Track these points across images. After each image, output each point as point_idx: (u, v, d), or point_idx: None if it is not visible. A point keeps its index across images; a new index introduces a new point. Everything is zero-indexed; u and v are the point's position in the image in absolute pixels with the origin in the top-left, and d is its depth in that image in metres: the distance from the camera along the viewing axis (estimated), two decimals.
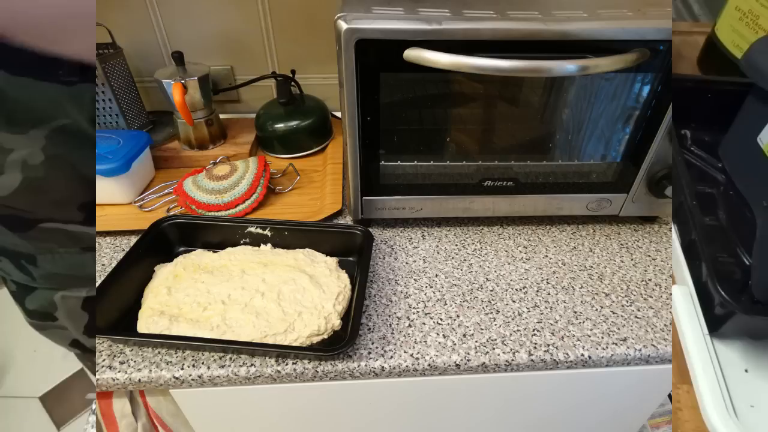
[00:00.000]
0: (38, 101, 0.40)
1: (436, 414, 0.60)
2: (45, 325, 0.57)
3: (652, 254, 0.63)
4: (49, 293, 0.53)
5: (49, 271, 0.50)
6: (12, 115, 0.40)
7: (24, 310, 0.56)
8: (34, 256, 0.49)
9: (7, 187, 0.43)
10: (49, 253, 0.49)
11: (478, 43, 0.49)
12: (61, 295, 0.53)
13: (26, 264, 0.49)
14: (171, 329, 0.49)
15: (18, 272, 0.50)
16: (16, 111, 0.40)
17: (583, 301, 0.56)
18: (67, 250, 0.49)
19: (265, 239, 0.61)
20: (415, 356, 0.49)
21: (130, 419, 0.56)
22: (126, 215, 0.68)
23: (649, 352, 0.51)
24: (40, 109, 0.41)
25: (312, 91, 0.87)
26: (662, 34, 0.50)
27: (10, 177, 0.42)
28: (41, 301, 0.54)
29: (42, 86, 0.40)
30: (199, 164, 0.79)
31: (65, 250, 0.49)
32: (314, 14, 0.84)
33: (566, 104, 0.58)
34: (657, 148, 0.58)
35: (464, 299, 0.56)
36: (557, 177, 0.63)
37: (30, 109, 0.40)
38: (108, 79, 0.74)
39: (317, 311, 0.51)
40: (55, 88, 0.40)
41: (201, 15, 0.83)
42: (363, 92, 0.53)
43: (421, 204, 0.63)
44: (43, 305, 0.54)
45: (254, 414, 0.56)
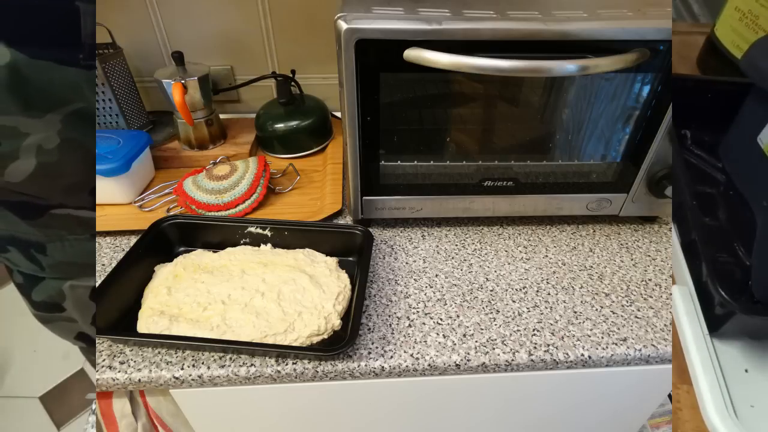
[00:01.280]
0: (57, 85, 0.41)
1: (436, 414, 0.60)
2: (51, 317, 0.57)
3: (652, 254, 0.63)
4: (57, 283, 0.53)
5: (58, 259, 0.50)
6: (30, 99, 0.40)
7: (30, 303, 0.56)
8: (43, 245, 0.49)
9: (22, 172, 0.43)
10: (59, 241, 0.49)
11: (478, 43, 0.49)
12: (70, 284, 0.53)
13: (36, 253, 0.50)
14: (171, 329, 0.49)
15: (27, 262, 0.51)
16: (35, 95, 0.40)
17: (583, 301, 0.56)
18: (76, 237, 0.49)
19: (265, 239, 0.61)
20: (415, 356, 0.49)
21: (130, 419, 0.56)
22: (126, 215, 0.68)
23: (649, 352, 0.51)
24: (58, 93, 0.41)
25: (312, 91, 0.87)
26: (662, 34, 0.50)
27: (25, 162, 0.42)
28: (49, 291, 0.54)
29: (62, 70, 0.40)
30: (199, 164, 0.79)
31: (75, 237, 0.49)
32: (314, 14, 0.84)
33: (566, 104, 0.58)
34: (657, 148, 0.58)
35: (464, 299, 0.56)
36: (557, 177, 0.63)
37: (49, 93, 0.41)
38: (108, 79, 0.74)
39: (317, 311, 0.51)
40: (74, 71, 0.41)
41: (201, 15, 0.83)
42: (363, 92, 0.53)
43: (421, 204, 0.63)
44: (51, 296, 0.54)
45: (254, 414, 0.56)
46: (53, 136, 0.42)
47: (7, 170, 0.42)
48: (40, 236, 0.48)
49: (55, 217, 0.47)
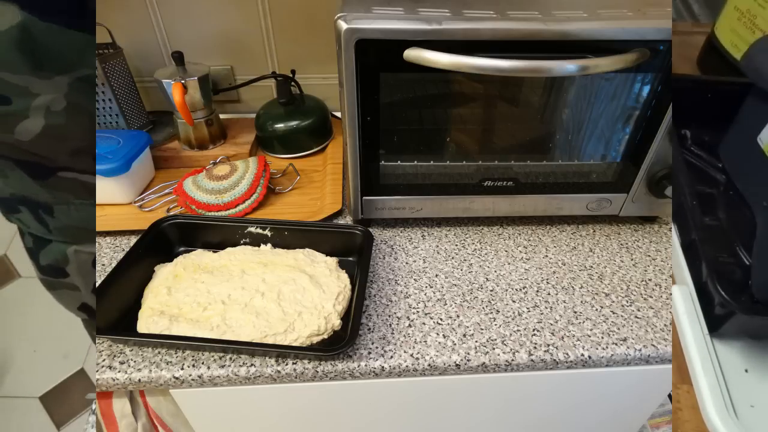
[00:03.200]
0: (65, 48, 0.42)
1: (436, 414, 0.60)
2: (56, 283, 0.59)
3: (652, 254, 0.63)
4: (62, 246, 0.55)
5: (64, 222, 0.52)
6: (40, 60, 0.42)
7: (37, 267, 0.58)
8: (51, 207, 0.51)
9: (31, 132, 0.45)
10: (65, 204, 0.51)
11: (478, 43, 0.49)
12: (74, 249, 0.55)
13: (44, 215, 0.52)
14: (171, 329, 0.49)
15: (36, 224, 0.52)
16: (44, 56, 0.42)
17: (583, 301, 0.56)
18: (82, 201, 0.51)
19: (265, 239, 0.61)
20: (415, 356, 0.49)
21: (130, 419, 0.56)
22: (126, 215, 0.68)
23: (649, 352, 0.51)
24: (65, 57, 0.43)
25: (312, 91, 0.87)
26: (662, 34, 0.50)
27: (34, 122, 0.44)
28: (55, 254, 0.55)
29: (69, 34, 0.41)
30: (199, 164, 0.79)
31: (80, 201, 0.51)
32: (314, 14, 0.84)
33: (566, 104, 0.58)
34: (657, 148, 0.58)
35: (464, 299, 0.56)
36: (557, 177, 0.63)
37: (56, 55, 0.42)
38: (108, 79, 0.74)
39: (317, 311, 0.51)
40: (80, 36, 0.42)
41: (201, 15, 0.83)
42: (363, 92, 0.53)
43: (421, 204, 0.63)
44: (56, 259, 0.56)
45: (254, 414, 0.56)
46: (60, 98, 0.44)
47: (17, 128, 0.44)
48: (49, 197, 0.50)
49: (62, 179, 0.49)
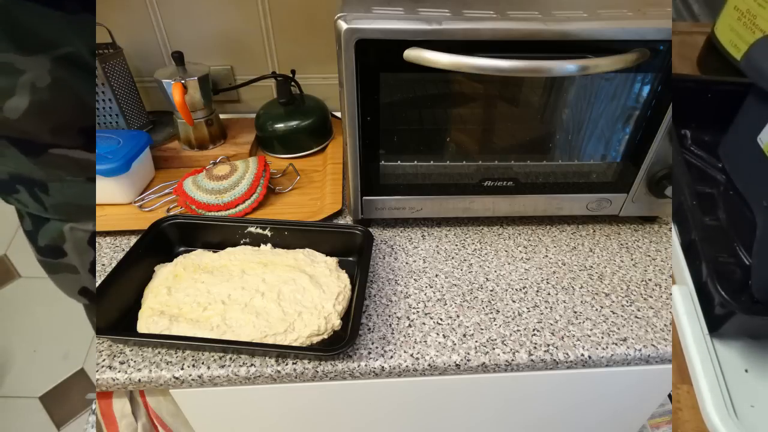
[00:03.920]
0: (44, 27, 0.43)
1: (436, 414, 0.60)
2: (55, 265, 0.59)
3: (652, 254, 0.63)
4: (59, 225, 0.55)
5: (59, 200, 0.53)
6: (22, 39, 0.43)
7: (36, 249, 0.58)
8: (46, 185, 0.52)
9: (18, 109, 0.45)
10: (59, 182, 0.52)
11: (478, 43, 0.49)
12: (70, 226, 0.56)
13: (39, 193, 0.52)
14: (171, 329, 0.49)
15: (33, 202, 0.53)
16: (25, 34, 0.43)
17: (583, 301, 0.56)
18: (74, 178, 0.52)
19: (265, 239, 0.61)
20: (415, 356, 0.49)
21: (130, 419, 0.56)
22: (126, 215, 0.68)
23: (649, 352, 0.51)
24: (46, 35, 0.44)
25: (312, 91, 0.87)
26: (662, 34, 0.50)
27: (20, 99, 0.45)
28: (52, 233, 0.56)
29: (47, 12, 0.43)
30: (199, 164, 0.79)
31: (72, 178, 0.52)
32: (314, 14, 0.84)
33: (566, 104, 0.58)
34: (657, 148, 0.58)
35: (464, 299, 0.56)
36: (557, 177, 0.63)
37: (37, 34, 0.43)
38: (108, 79, 0.74)
39: (317, 311, 0.51)
40: (59, 15, 0.43)
41: (201, 15, 0.83)
42: (363, 92, 0.53)
43: (421, 204, 0.63)
44: (53, 238, 0.56)
45: (254, 414, 0.56)
46: (45, 75, 0.45)
47: (6, 105, 0.45)
48: (42, 175, 0.51)
49: (53, 156, 0.50)
